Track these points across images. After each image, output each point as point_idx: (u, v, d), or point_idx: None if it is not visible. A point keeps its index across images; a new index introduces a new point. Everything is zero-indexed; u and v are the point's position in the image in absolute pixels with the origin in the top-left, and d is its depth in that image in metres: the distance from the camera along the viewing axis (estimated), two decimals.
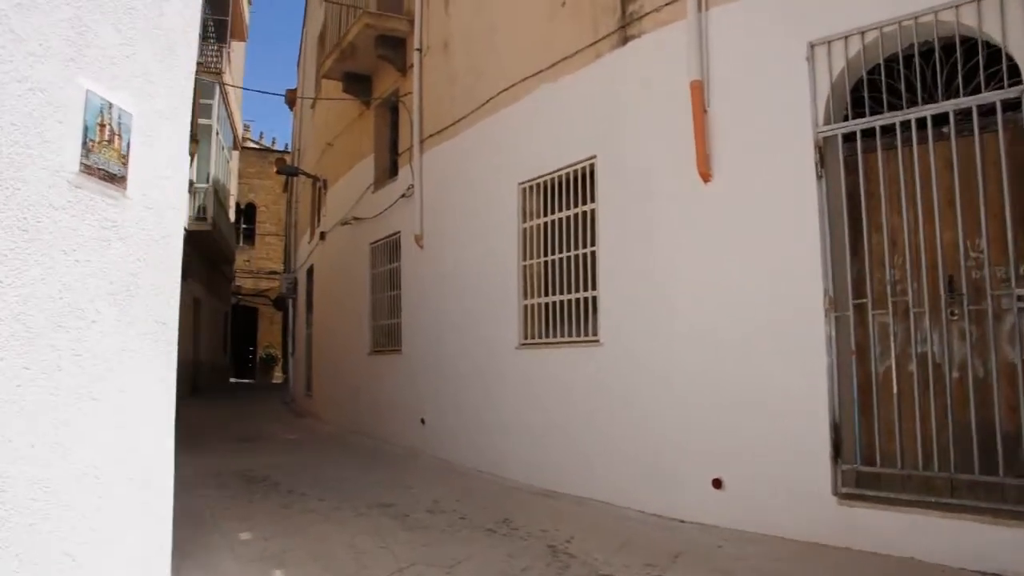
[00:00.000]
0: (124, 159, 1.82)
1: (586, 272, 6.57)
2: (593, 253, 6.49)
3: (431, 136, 9.24)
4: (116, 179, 1.79)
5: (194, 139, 9.31)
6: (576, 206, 6.75)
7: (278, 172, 13.97)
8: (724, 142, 5.34)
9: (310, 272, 15.74)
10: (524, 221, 7.42)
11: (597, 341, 6.30)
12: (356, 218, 11.62)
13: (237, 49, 25.85)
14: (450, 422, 8.40)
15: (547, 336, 7.08)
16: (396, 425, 9.79)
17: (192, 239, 18.63)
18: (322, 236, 13.81)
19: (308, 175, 14.90)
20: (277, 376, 31.51)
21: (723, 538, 4.70)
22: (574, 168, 6.73)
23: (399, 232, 10.07)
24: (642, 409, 5.77)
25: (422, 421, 9.00)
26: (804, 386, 4.70)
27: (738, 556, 4.30)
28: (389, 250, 10.53)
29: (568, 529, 4.92)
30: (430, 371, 8.92)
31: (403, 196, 9.83)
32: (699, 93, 5.46)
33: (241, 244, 33.84)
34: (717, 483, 5.14)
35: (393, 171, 10.64)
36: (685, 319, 5.50)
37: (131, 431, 2.23)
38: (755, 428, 4.95)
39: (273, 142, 39.37)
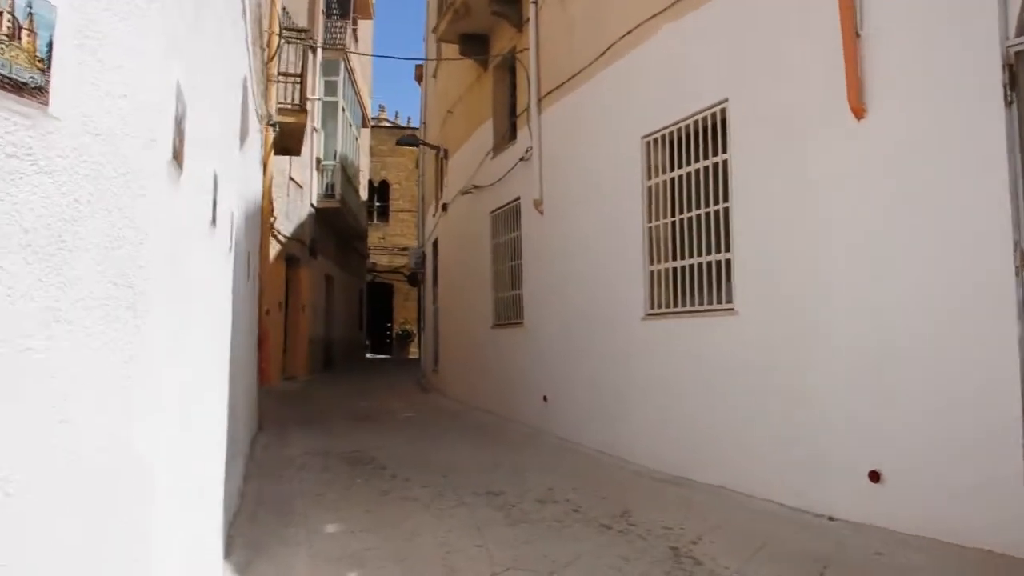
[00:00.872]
0: (42, 64, 1.31)
1: (718, 232, 5.82)
2: (726, 210, 5.72)
3: (549, 93, 8.63)
4: (25, 89, 1.28)
5: (301, 109, 9.13)
6: (705, 158, 5.99)
7: (398, 143, 13.77)
8: (881, 69, 4.45)
9: (435, 245, 15.53)
10: (648, 178, 6.71)
11: (732, 310, 5.55)
12: (476, 186, 11.19)
13: (364, 28, 26.08)
14: (573, 399, 7.85)
15: (676, 305, 6.37)
16: (518, 402, 9.34)
17: (321, 216, 18.91)
18: (444, 208, 13.51)
19: (428, 145, 14.64)
20: (413, 352, 31.94)
21: (881, 541, 3.92)
22: (703, 115, 5.96)
23: (519, 198, 9.55)
24: (786, 388, 4.99)
25: (544, 398, 8.50)
26: (988, 360, 3.81)
27: (904, 567, 3.52)
28: (509, 218, 10.04)
29: (696, 526, 4.26)
30: (552, 345, 8.39)
31: (521, 160, 9.29)
32: (849, 13, 4.58)
33: (375, 221, 34.46)
34: (875, 476, 4.32)
35: (512, 135, 10.11)
36: (837, 283, 4.67)
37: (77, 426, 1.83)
38: (923, 410, 4.10)
39: (408, 121, 39.86)
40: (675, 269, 6.38)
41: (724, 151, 5.73)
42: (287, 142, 9.84)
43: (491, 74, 10.85)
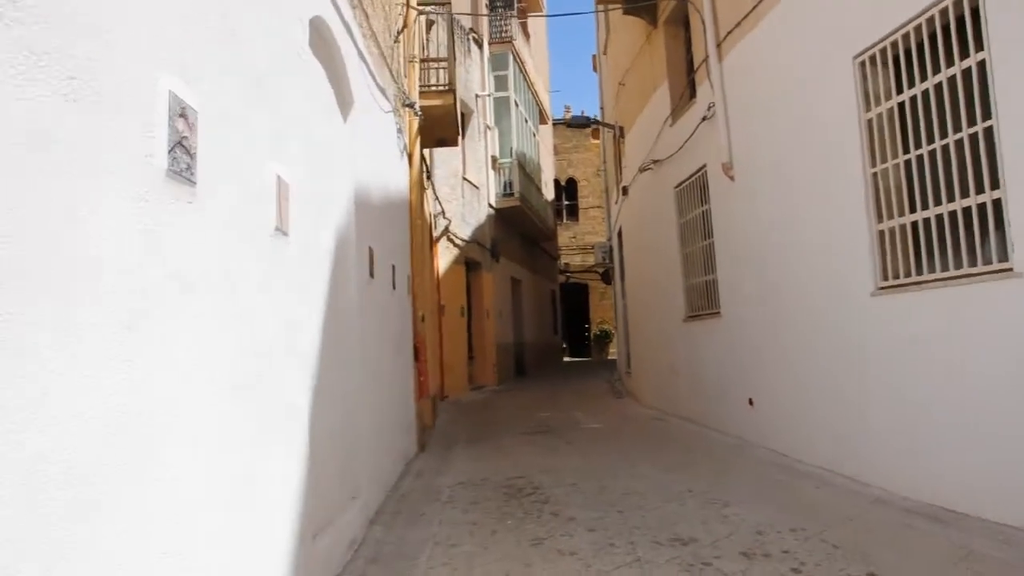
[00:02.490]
0: None
1: (976, 164, 4.08)
2: (988, 131, 3.98)
3: (729, 34, 7.07)
4: None
5: (447, 89, 8.11)
6: (947, 66, 4.26)
7: (568, 125, 12.55)
8: None
9: (619, 235, 14.17)
10: (867, 109, 5.04)
11: (1009, 270, 3.81)
12: (655, 161, 9.75)
13: (538, 24, 25.23)
14: (785, 403, 6.25)
15: (919, 273, 4.66)
16: (717, 407, 7.80)
17: (501, 216, 18.11)
18: (624, 191, 12.13)
19: (601, 124, 13.32)
20: (612, 352, 30.65)
21: None
22: (939, 6, 4.24)
23: (704, 166, 8.02)
24: None
25: (750, 402, 6.93)
26: None
27: None
28: (696, 191, 8.52)
29: None
30: (756, 336, 6.81)
31: (704, 119, 7.77)
32: None
33: (564, 220, 33.56)
34: None
35: (690, 93, 8.61)
36: None
37: None
38: None
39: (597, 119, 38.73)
40: (914, 224, 4.67)
41: (980, 48, 4.00)
42: (440, 131, 8.96)
43: (661, 30, 9.37)
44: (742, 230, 7.02)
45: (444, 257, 13.74)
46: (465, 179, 15.60)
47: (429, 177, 10.17)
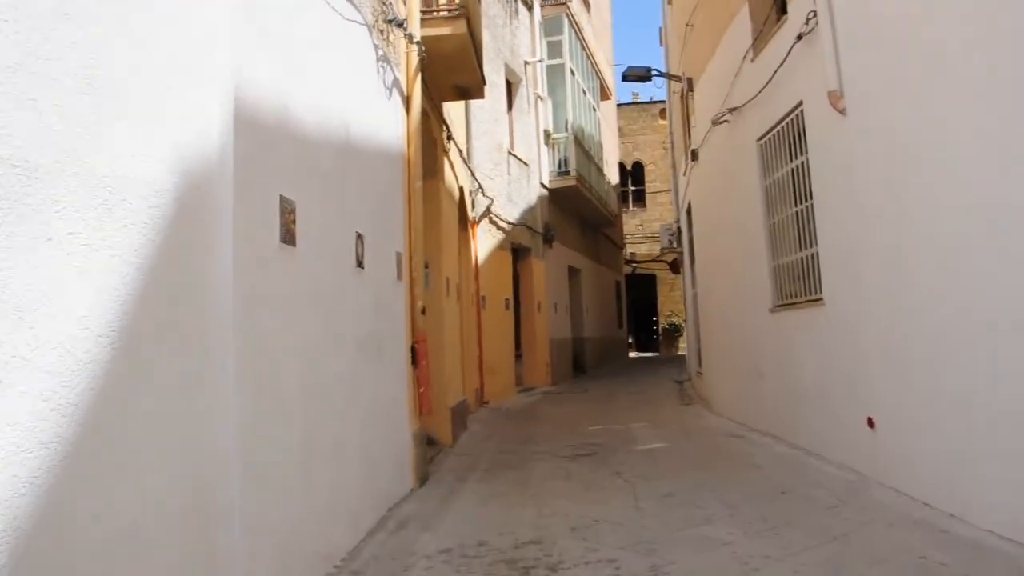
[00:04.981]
0: None
1: None
2: None
3: None
4: None
5: (459, 14, 6.17)
6: None
7: (624, 78, 10.50)
8: None
9: (688, 213, 12.09)
10: None
11: None
12: (732, 110, 7.71)
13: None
14: (928, 426, 4.21)
15: None
16: (821, 425, 5.77)
17: (556, 198, 16.21)
18: (694, 155, 10.06)
19: (666, 76, 11.25)
20: (682, 347, 28.36)
21: None
22: None
23: (800, 104, 5.97)
24: None
25: (869, 423, 4.87)
26: None
27: None
28: (786, 140, 6.48)
29: None
30: (881, 332, 4.77)
31: (800, 38, 5.73)
32: None
33: (631, 207, 31.38)
34: None
35: (780, 9, 6.54)
36: None
37: None
38: None
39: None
40: None
41: None
42: (457, 75, 7.06)
43: None
44: (858, 182, 4.97)
45: (485, 241, 11.90)
46: (512, 154, 13.73)
47: (450, 138, 8.33)
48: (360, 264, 4.43)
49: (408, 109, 6.01)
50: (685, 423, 8.48)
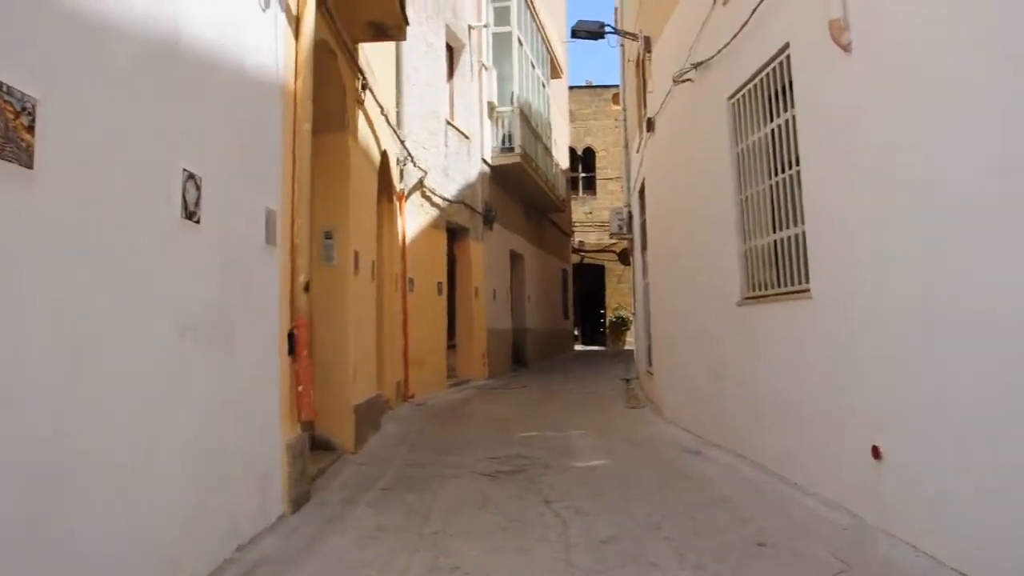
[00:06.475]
0: None
1: None
2: None
3: None
4: None
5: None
6: None
7: (573, 34, 9.30)
8: None
9: (641, 194, 10.95)
10: None
11: None
12: (697, 65, 6.56)
13: None
14: (954, 460, 3.08)
15: None
16: (801, 447, 4.64)
17: (499, 176, 14.99)
18: (649, 125, 8.89)
19: (620, 33, 10.06)
20: (629, 341, 27.41)
21: None
22: None
23: (787, 46, 4.81)
24: None
25: (874, 451, 3.74)
26: None
27: None
28: (765, 95, 5.33)
29: None
30: (888, 332, 3.64)
31: None
32: None
33: (580, 194, 30.34)
34: None
35: None
36: None
37: None
38: None
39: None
40: None
41: None
42: (370, 7, 5.75)
43: None
44: (866, 137, 3.84)
45: (415, 218, 10.61)
46: (451, 124, 12.45)
47: (366, 87, 7.01)
48: (191, 216, 3.14)
49: (297, 33, 4.71)
50: (632, 431, 7.33)
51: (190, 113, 3.20)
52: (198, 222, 3.21)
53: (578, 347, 28.31)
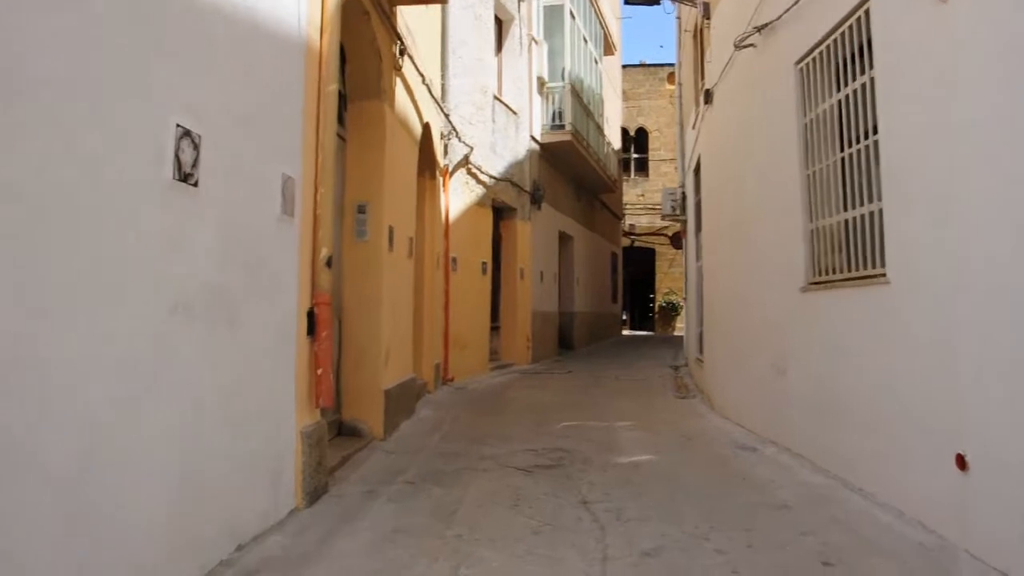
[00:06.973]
0: None
1: None
2: None
3: None
4: None
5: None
6: None
7: (627, 2, 8.76)
8: None
9: (696, 172, 10.40)
10: None
11: None
12: (761, 28, 6.02)
13: None
14: None
15: None
16: (874, 450, 4.15)
17: (548, 154, 14.53)
18: (707, 98, 8.34)
19: (680, 0, 9.49)
20: (679, 327, 26.75)
21: None
22: None
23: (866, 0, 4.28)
24: None
25: (960, 460, 3.25)
26: None
27: None
28: (838, 58, 4.80)
29: None
30: (989, 324, 3.13)
31: None
32: None
33: (632, 176, 29.67)
34: None
35: None
36: None
37: None
38: None
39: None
40: None
41: None
42: None
43: None
44: (968, 98, 3.32)
45: (460, 195, 10.23)
46: (499, 99, 12.02)
47: (404, 53, 6.62)
48: (187, 178, 2.79)
49: None
50: (681, 424, 6.87)
51: (186, 66, 2.84)
52: (195, 185, 2.86)
53: (626, 332, 27.76)
